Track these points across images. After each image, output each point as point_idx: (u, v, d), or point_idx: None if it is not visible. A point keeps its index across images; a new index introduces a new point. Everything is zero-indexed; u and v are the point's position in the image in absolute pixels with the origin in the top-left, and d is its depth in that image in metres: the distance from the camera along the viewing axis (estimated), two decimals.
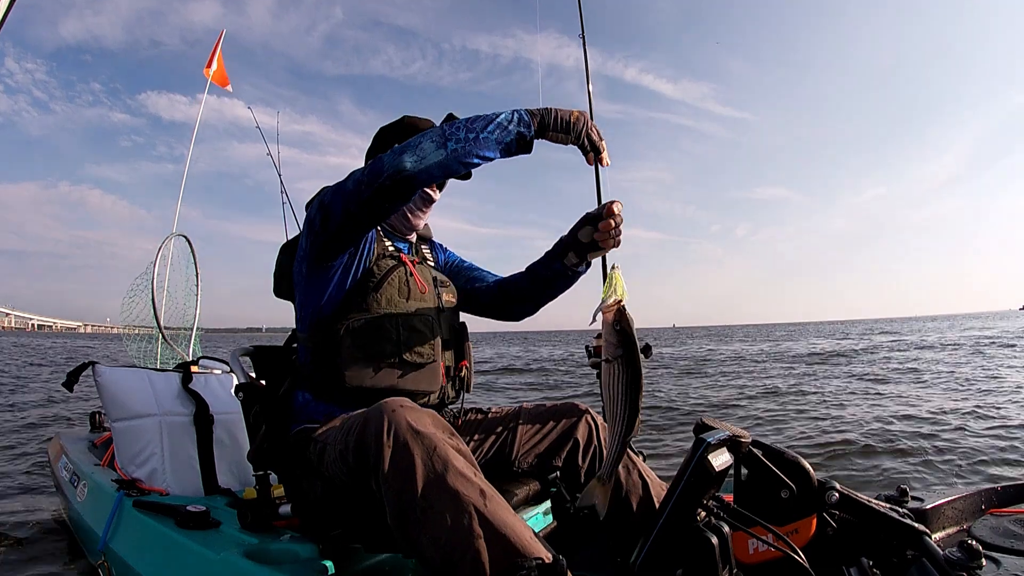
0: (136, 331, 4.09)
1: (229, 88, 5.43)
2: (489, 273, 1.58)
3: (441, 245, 1.62)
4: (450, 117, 1.32)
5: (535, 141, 1.13)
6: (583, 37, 2.48)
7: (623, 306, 0.99)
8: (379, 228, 1.39)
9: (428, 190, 1.39)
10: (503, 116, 1.11)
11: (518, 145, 1.12)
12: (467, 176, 1.21)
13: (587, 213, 1.31)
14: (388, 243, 1.39)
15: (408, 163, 1.09)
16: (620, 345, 0.97)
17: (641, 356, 0.98)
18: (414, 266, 1.36)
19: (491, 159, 1.12)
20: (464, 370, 1.43)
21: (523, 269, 1.48)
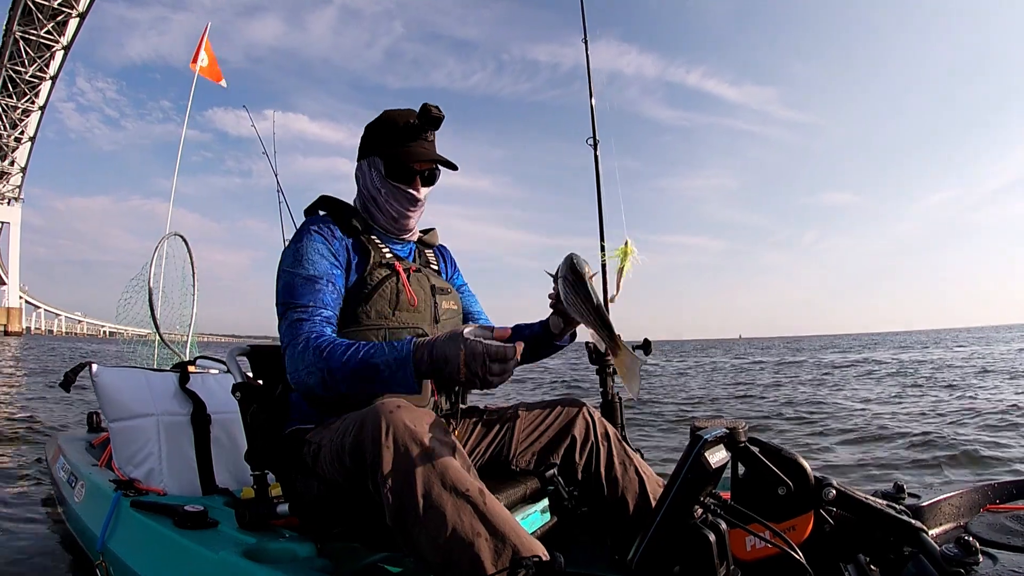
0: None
1: (223, 84, 5.38)
2: (482, 314, 1.55)
3: (450, 257, 1.58)
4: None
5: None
6: (584, 39, 2.49)
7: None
8: (375, 234, 1.38)
9: (411, 190, 1.35)
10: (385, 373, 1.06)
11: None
12: None
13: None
14: (385, 249, 1.36)
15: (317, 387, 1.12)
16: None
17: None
18: (410, 274, 1.32)
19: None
20: None
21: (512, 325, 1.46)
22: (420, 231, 1.51)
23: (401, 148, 1.33)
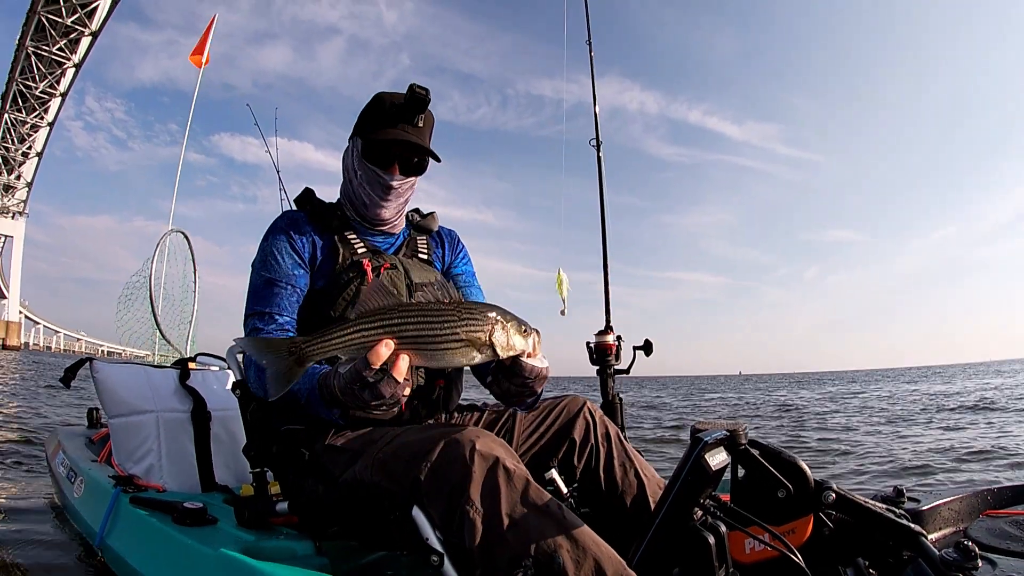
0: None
1: (204, 63, 5.78)
2: None
3: (453, 242, 1.51)
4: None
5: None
6: (588, 40, 2.50)
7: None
8: (348, 229, 1.35)
9: (384, 175, 1.30)
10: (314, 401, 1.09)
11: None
12: None
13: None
14: (359, 245, 1.33)
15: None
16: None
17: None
18: (379, 272, 1.28)
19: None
20: (438, 389, 1.32)
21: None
22: (418, 215, 1.49)
23: (381, 129, 1.29)
